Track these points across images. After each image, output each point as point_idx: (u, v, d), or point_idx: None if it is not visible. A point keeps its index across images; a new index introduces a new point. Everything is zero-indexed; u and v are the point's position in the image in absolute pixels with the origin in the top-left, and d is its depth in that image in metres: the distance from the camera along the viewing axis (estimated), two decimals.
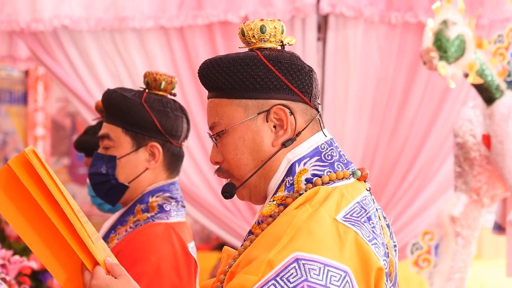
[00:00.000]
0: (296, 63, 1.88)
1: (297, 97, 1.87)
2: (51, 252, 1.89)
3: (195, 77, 5.15)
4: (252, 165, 1.87)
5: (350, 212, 1.79)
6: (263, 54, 1.88)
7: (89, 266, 1.89)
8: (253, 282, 1.70)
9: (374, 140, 5.17)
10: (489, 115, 4.23)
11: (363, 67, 5.12)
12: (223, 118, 1.89)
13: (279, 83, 1.86)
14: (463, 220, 4.39)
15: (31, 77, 8.55)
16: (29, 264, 3.78)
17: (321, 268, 1.69)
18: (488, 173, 4.33)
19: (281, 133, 1.87)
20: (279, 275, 1.69)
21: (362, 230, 1.78)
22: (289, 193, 1.84)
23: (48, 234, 1.89)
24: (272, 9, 4.97)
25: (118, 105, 2.68)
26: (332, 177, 1.84)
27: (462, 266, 4.42)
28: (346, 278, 1.71)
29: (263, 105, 1.86)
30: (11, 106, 8.63)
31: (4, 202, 1.89)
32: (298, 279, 1.68)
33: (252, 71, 1.86)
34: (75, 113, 8.47)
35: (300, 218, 1.75)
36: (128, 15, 5.03)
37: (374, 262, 1.76)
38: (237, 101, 1.87)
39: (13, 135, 8.65)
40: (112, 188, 2.69)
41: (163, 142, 2.69)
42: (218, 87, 1.89)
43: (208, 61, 1.91)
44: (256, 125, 1.87)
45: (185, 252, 2.61)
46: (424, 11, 4.93)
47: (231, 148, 1.89)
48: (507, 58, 4.27)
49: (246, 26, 1.90)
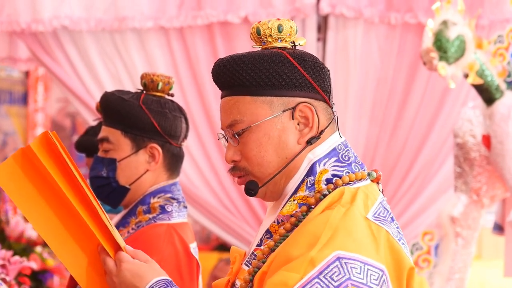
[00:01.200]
0: (318, 62, 1.89)
1: (319, 95, 1.88)
2: (70, 234, 1.84)
3: (195, 77, 5.15)
4: (276, 162, 1.86)
5: (377, 211, 1.81)
6: (288, 52, 1.88)
7: (110, 251, 1.85)
8: (296, 280, 1.70)
9: (374, 140, 5.17)
10: (489, 115, 4.23)
11: (363, 67, 5.12)
12: (246, 115, 1.87)
13: (304, 81, 1.86)
14: (463, 220, 4.38)
15: (31, 77, 8.55)
16: (29, 264, 3.78)
17: (362, 267, 1.71)
18: (488, 174, 4.33)
19: (306, 131, 1.87)
20: (322, 273, 1.70)
21: (391, 229, 1.80)
22: (310, 193, 1.84)
23: (66, 218, 1.85)
24: (272, 9, 4.97)
25: (116, 108, 2.67)
26: (352, 177, 1.84)
27: (462, 266, 4.42)
28: (383, 277, 1.73)
29: (289, 103, 1.86)
30: (11, 106, 8.63)
31: (19, 183, 1.84)
32: (342, 277, 1.69)
33: (278, 68, 1.85)
34: (75, 114, 8.47)
35: (336, 218, 1.75)
36: (128, 16, 5.03)
37: (406, 261, 1.78)
38: (262, 98, 1.86)
39: (13, 136, 8.65)
40: (113, 191, 2.69)
41: (162, 143, 2.69)
42: (240, 84, 1.87)
43: (228, 58, 1.89)
44: (282, 122, 1.86)
45: (187, 253, 2.61)
46: (423, 12, 4.93)
47: (254, 145, 1.87)
48: (507, 59, 4.27)
49: (263, 25, 1.90)
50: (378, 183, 1.91)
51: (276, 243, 1.83)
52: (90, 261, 1.87)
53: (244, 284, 1.87)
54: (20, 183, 1.85)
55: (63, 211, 1.86)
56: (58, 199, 1.85)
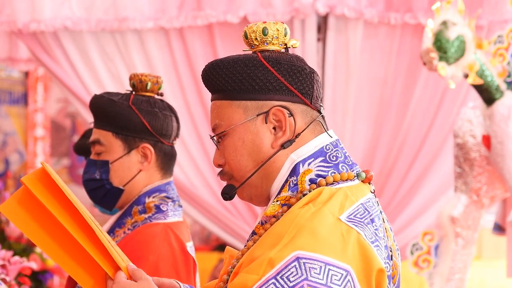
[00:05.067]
0: (296, 64, 1.88)
1: (297, 98, 1.87)
2: (76, 263, 1.91)
3: (195, 78, 5.16)
4: (252, 166, 1.87)
5: (353, 213, 1.79)
6: (263, 55, 1.87)
7: (110, 273, 1.91)
8: (254, 281, 1.70)
9: (374, 140, 5.17)
10: (489, 115, 4.23)
11: (363, 67, 5.12)
12: (223, 119, 1.89)
13: (279, 84, 1.86)
14: (463, 220, 4.38)
15: (31, 78, 8.55)
16: (29, 264, 3.78)
17: (322, 267, 1.69)
18: (488, 174, 4.33)
19: (280, 135, 1.86)
20: (279, 273, 1.69)
21: (365, 231, 1.77)
22: (293, 193, 1.84)
23: (69, 246, 1.91)
24: (271, 9, 4.97)
25: (106, 110, 2.68)
26: (336, 178, 1.83)
27: (462, 266, 4.42)
28: (348, 277, 1.71)
29: (263, 107, 1.86)
30: (11, 106, 8.63)
31: (25, 219, 1.91)
32: (298, 278, 1.68)
33: (251, 72, 1.86)
34: (75, 114, 8.47)
35: (302, 217, 1.75)
36: (128, 16, 5.03)
37: (375, 263, 1.75)
38: (237, 103, 1.87)
39: (13, 136, 8.65)
40: (107, 192, 2.69)
41: (154, 142, 2.70)
42: (219, 89, 1.89)
43: (210, 63, 1.91)
44: (256, 126, 1.87)
45: (183, 252, 2.62)
46: (423, 12, 4.93)
47: (231, 149, 1.88)
48: (507, 59, 4.27)
49: (249, 28, 1.90)
50: (370, 184, 1.90)
51: (255, 243, 1.83)
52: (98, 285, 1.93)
53: (222, 284, 1.88)
54: (24, 218, 1.92)
55: (65, 240, 1.92)
56: (58, 229, 1.91)
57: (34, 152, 8.58)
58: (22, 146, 8.61)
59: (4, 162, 8.65)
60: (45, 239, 1.91)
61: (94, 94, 2.80)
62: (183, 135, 5.12)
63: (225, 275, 1.89)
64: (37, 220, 1.91)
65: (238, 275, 1.76)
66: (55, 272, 4.54)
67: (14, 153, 8.65)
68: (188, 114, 5.17)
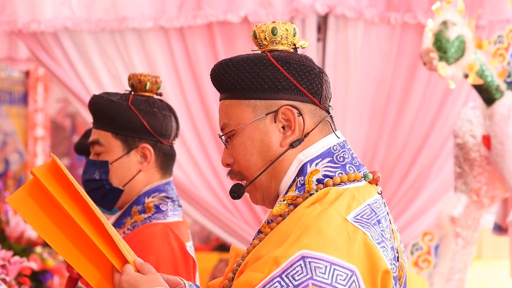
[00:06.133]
0: (305, 64, 1.88)
1: (306, 98, 1.88)
2: (83, 255, 1.92)
3: (195, 77, 5.16)
4: (261, 165, 1.88)
5: (360, 213, 1.79)
6: (272, 55, 1.88)
7: (117, 266, 1.91)
8: (259, 279, 1.70)
9: (374, 140, 5.17)
10: (489, 115, 4.23)
11: (363, 67, 5.12)
12: (232, 119, 1.89)
13: (288, 84, 1.87)
14: (463, 220, 4.39)
15: (31, 78, 8.56)
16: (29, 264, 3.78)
17: (327, 267, 1.69)
18: (488, 174, 4.33)
19: (289, 134, 1.87)
20: (284, 272, 1.69)
21: (371, 232, 1.77)
22: (300, 193, 1.84)
23: (77, 239, 1.92)
24: (271, 9, 4.97)
25: (105, 110, 2.68)
26: (344, 178, 1.84)
27: (462, 266, 4.43)
28: (353, 277, 1.71)
29: (272, 106, 1.87)
30: (11, 106, 8.63)
31: (34, 210, 1.92)
32: (303, 277, 1.69)
33: (260, 71, 1.86)
34: (75, 114, 8.47)
35: (309, 217, 1.75)
36: (128, 16, 5.03)
37: (381, 264, 1.75)
38: (246, 102, 1.88)
39: (13, 136, 8.65)
40: (107, 193, 2.69)
41: (153, 142, 2.70)
42: (228, 88, 1.90)
43: (219, 63, 1.91)
44: (265, 125, 1.87)
45: (183, 251, 2.62)
46: (423, 12, 4.93)
47: (240, 149, 1.89)
48: (507, 59, 4.27)
49: (258, 28, 1.91)
50: (377, 185, 1.90)
51: (261, 241, 1.84)
52: (105, 278, 1.94)
53: (227, 282, 1.89)
54: (32, 209, 1.92)
55: (73, 233, 1.92)
56: (67, 222, 1.92)
57: (34, 152, 8.59)
58: (22, 146, 8.61)
59: (4, 162, 8.65)
60: (53, 231, 1.91)
61: (93, 94, 2.79)
62: (183, 135, 5.12)
63: (231, 273, 1.89)
64: (45, 211, 1.91)
65: (243, 273, 1.76)
66: (55, 272, 4.54)
67: (14, 153, 8.66)
68: (188, 114, 5.17)
